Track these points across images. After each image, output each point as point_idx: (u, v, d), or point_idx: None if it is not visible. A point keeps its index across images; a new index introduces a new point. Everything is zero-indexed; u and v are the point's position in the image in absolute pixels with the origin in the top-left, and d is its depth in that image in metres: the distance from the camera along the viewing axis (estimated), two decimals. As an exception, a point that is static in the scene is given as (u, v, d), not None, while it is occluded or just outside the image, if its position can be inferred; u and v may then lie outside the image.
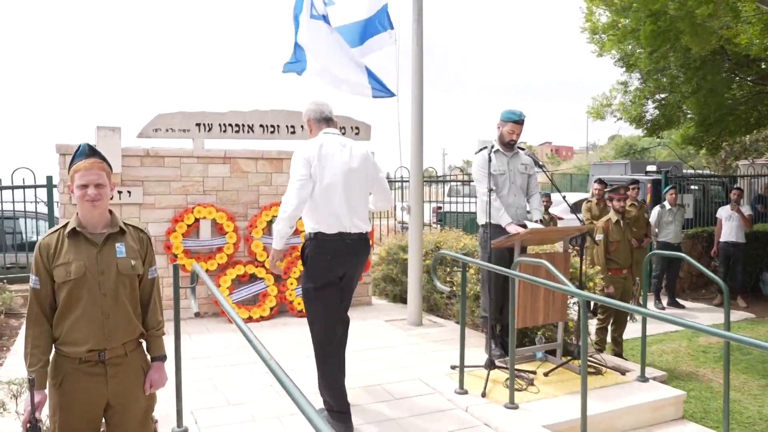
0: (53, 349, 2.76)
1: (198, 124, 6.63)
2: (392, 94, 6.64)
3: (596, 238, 6.55)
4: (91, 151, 2.83)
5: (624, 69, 12.42)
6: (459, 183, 14.64)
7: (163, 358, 2.98)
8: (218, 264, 6.58)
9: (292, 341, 5.85)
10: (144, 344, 2.95)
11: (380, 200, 4.20)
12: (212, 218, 6.57)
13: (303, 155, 3.84)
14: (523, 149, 5.39)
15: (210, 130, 6.69)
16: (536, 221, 5.20)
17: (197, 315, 2.96)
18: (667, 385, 5.09)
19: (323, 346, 3.95)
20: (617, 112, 12.32)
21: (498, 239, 4.83)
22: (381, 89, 6.60)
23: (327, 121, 4.07)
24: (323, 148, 3.87)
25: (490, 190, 4.92)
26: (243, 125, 6.83)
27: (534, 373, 4.94)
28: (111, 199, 2.85)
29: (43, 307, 2.72)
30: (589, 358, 5.30)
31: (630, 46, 11.78)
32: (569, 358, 5.20)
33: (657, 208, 9.95)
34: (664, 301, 9.94)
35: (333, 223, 3.84)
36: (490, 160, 4.98)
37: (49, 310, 2.74)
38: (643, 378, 4.99)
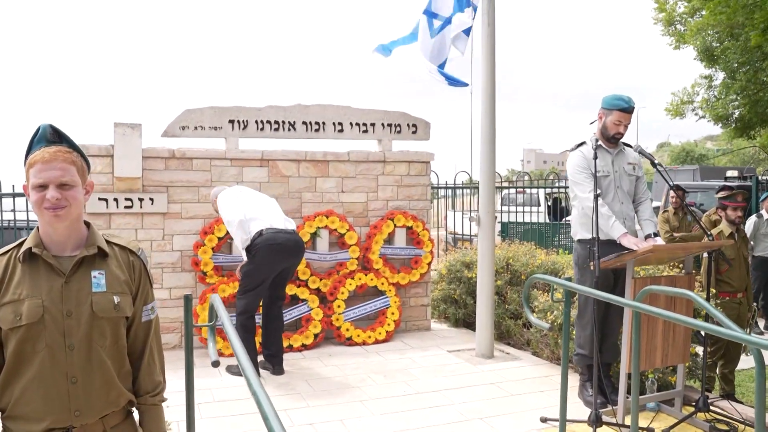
0: None
1: (231, 121, 5.73)
2: (465, 84, 5.72)
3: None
4: (54, 136, 1.90)
5: (704, 63, 11.14)
6: (514, 191, 13.56)
7: (162, 436, 2.04)
8: (254, 283, 5.65)
9: (343, 377, 4.87)
10: (137, 415, 2.03)
11: None
12: (247, 230, 5.65)
13: (228, 192, 5.05)
14: (629, 145, 4.32)
15: (245, 127, 5.78)
16: (650, 235, 4.11)
17: (215, 365, 1.99)
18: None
19: (248, 311, 4.84)
20: (699, 109, 11.00)
21: (607, 258, 3.76)
22: (453, 80, 5.78)
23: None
24: (237, 187, 5.19)
25: (597, 196, 3.85)
26: (283, 122, 5.91)
27: (651, 430, 3.85)
28: (113, 207, 1.88)
29: None
30: (715, 408, 4.18)
31: (711, 37, 10.53)
32: (693, 410, 4.07)
33: (753, 218, 8.68)
34: (761, 324, 8.65)
35: (269, 222, 4.83)
36: (596, 158, 3.91)
37: None
38: (797, 440, 3.82)
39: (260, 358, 5.02)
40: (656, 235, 4.14)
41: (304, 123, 5.98)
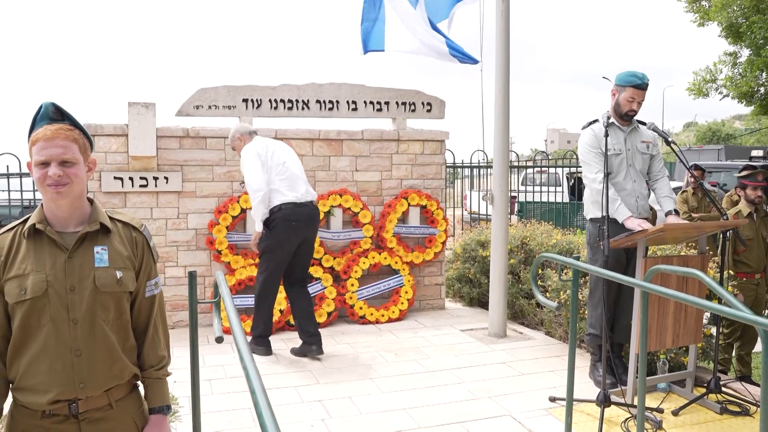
0: (9, 398, 1.91)
1: (245, 100, 5.75)
2: (475, 61, 5.67)
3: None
4: (56, 113, 1.92)
5: (729, 40, 10.88)
6: (536, 170, 13.44)
7: (166, 409, 2.08)
8: (268, 261, 5.70)
9: (355, 355, 4.91)
10: (142, 389, 2.07)
11: None
12: (261, 209, 5.68)
13: (253, 152, 4.75)
14: (644, 123, 4.25)
15: (259, 106, 5.80)
16: (669, 213, 4.05)
17: (219, 341, 2.01)
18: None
19: (268, 288, 4.80)
20: (723, 87, 10.76)
21: (618, 237, 3.72)
22: (464, 56, 5.72)
23: (254, 132, 4.99)
24: (266, 143, 4.86)
25: (607, 175, 3.81)
26: (297, 101, 5.91)
27: (661, 411, 3.83)
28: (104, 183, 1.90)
29: None
30: (728, 390, 4.15)
31: (736, 13, 10.26)
32: (704, 391, 4.04)
33: (777, 199, 8.51)
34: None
35: (290, 193, 4.71)
36: (607, 135, 3.86)
37: (2, 341, 1.90)
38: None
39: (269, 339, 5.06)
40: (676, 212, 4.09)
41: (318, 101, 5.98)
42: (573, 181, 13.75)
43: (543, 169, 13.05)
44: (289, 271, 4.89)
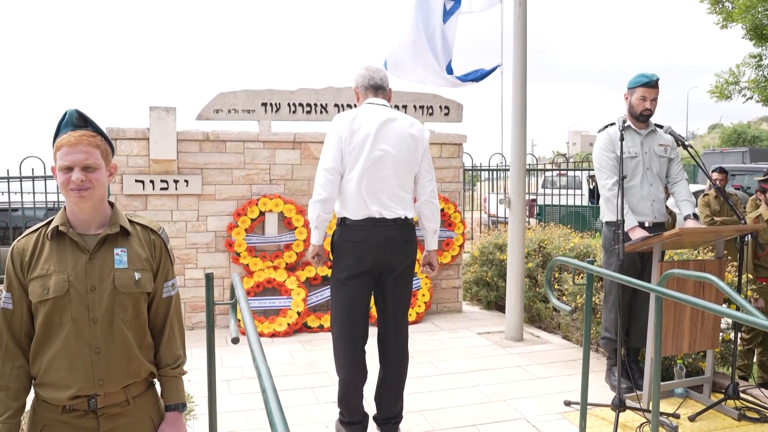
0: (32, 393, 1.97)
1: (264, 104, 5.82)
2: (494, 68, 5.67)
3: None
4: (80, 120, 1.99)
5: (753, 42, 10.75)
6: (556, 173, 13.39)
7: (181, 407, 2.13)
8: (286, 263, 5.76)
9: (370, 358, 4.93)
10: (158, 386, 2.13)
11: (421, 197, 3.47)
12: (279, 211, 5.75)
13: (334, 129, 3.31)
14: (660, 126, 4.24)
15: (278, 110, 5.86)
16: (688, 217, 4.03)
17: (235, 341, 2.06)
18: None
19: (338, 353, 3.47)
20: (747, 90, 10.63)
21: (633, 241, 3.72)
22: (479, 74, 5.74)
23: (375, 89, 3.47)
24: (356, 121, 3.29)
25: (623, 178, 3.80)
26: (315, 105, 5.97)
27: (677, 416, 3.81)
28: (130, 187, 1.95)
29: (17, 334, 1.95)
30: (746, 396, 4.11)
31: (760, 14, 10.14)
32: (722, 397, 4.01)
33: (801, 203, 8.37)
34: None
35: (360, 207, 3.27)
36: (622, 139, 3.85)
37: (26, 339, 1.97)
38: (830, 430, 3.74)
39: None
40: (695, 216, 4.06)
41: (336, 105, 6.03)
42: (593, 184, 13.67)
43: (563, 172, 13.00)
44: (378, 321, 3.58)
